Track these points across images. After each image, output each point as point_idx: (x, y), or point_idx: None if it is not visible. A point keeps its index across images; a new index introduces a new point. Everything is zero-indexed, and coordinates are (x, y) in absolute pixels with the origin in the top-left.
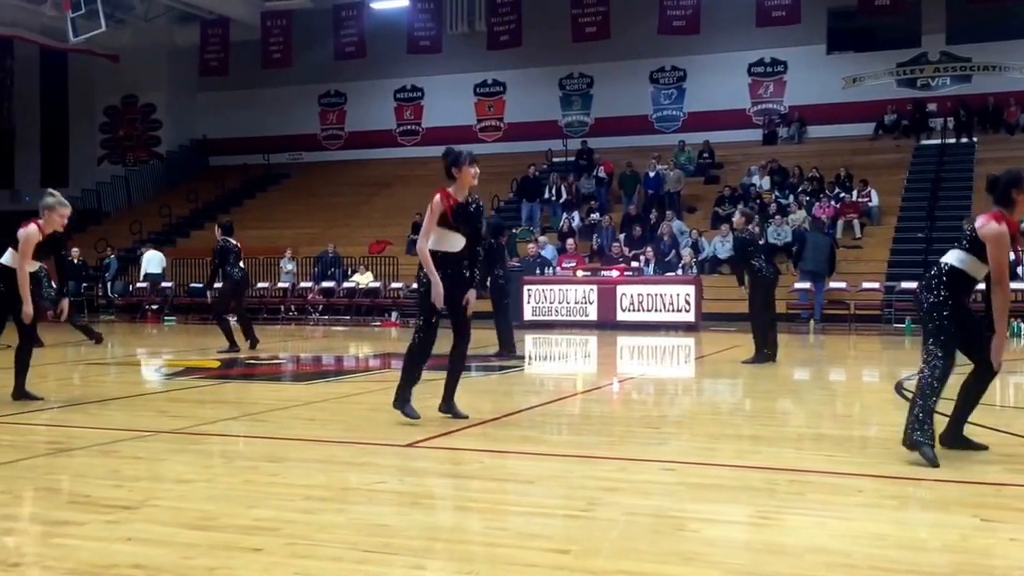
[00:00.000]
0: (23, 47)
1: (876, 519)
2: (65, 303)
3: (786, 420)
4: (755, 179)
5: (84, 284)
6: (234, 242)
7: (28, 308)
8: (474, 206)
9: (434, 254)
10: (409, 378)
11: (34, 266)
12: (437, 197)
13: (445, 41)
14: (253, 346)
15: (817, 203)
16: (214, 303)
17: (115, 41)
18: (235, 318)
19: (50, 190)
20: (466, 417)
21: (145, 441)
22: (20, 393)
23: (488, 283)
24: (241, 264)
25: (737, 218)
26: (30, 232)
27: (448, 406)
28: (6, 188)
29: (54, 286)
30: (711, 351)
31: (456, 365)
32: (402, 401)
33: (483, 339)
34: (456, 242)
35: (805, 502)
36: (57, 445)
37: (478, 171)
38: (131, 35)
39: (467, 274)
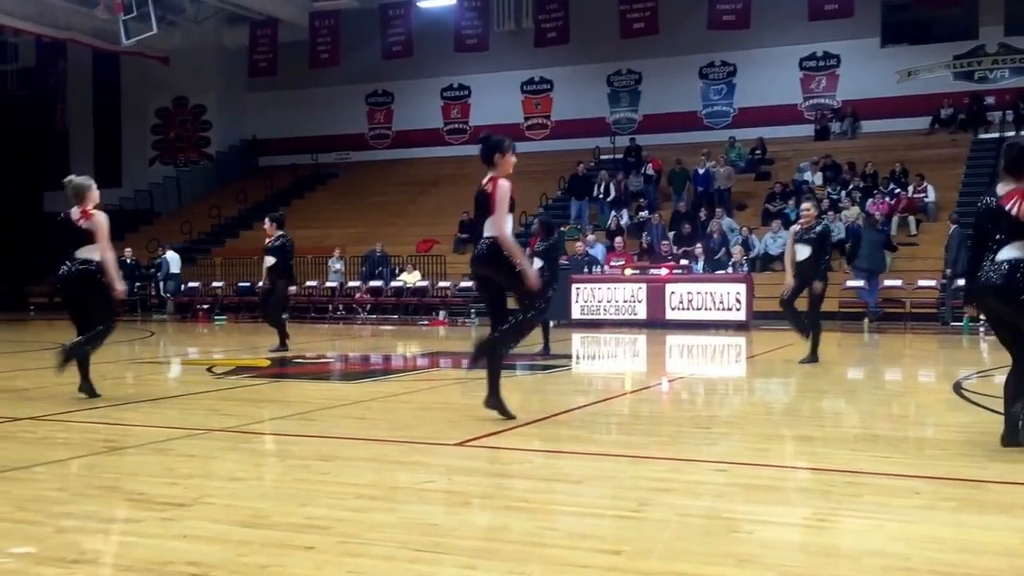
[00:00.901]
0: (76, 50)
1: (934, 522)
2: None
3: (840, 420)
4: (807, 175)
5: (137, 284)
6: (288, 236)
7: (120, 286)
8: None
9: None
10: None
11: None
12: (503, 182)
13: (492, 39)
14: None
15: (871, 199)
16: (274, 302)
17: (166, 43)
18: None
19: (70, 177)
20: (514, 417)
21: (198, 439)
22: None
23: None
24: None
25: (811, 209)
26: (103, 218)
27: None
28: (61, 189)
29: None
30: (762, 350)
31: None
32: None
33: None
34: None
35: (861, 504)
36: (112, 443)
37: (516, 160)
38: (181, 37)
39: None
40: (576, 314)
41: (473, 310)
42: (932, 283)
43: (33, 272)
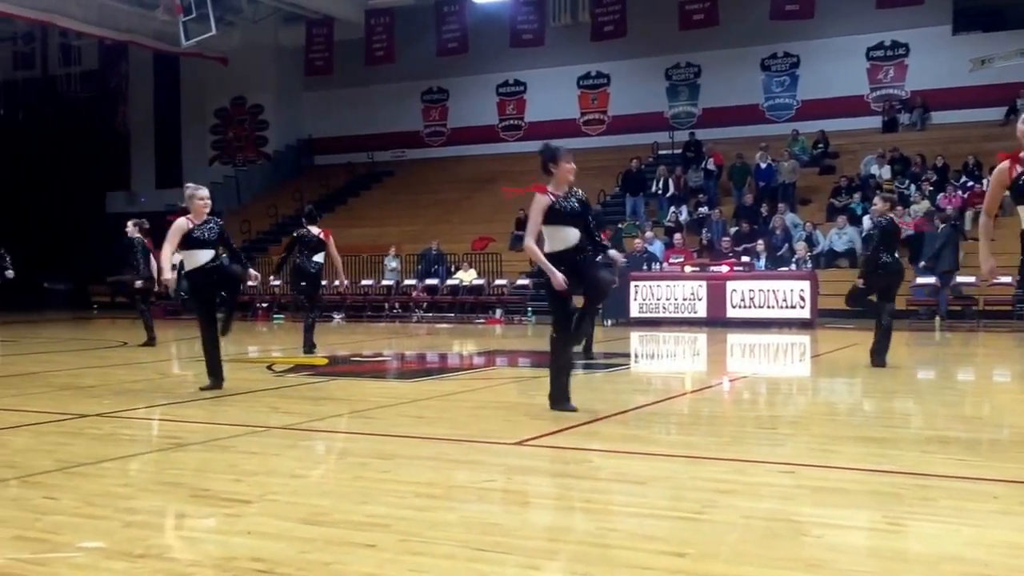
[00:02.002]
0: (137, 52)
1: (1013, 527)
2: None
3: (910, 421)
4: (874, 169)
5: None
6: (313, 232)
7: (165, 275)
8: (576, 199)
9: (551, 256)
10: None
11: (205, 256)
12: (537, 196)
13: (548, 33)
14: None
15: (942, 193)
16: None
17: (224, 44)
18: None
19: (187, 183)
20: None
21: (259, 436)
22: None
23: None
24: (315, 257)
25: (880, 204)
26: (177, 222)
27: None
28: (122, 189)
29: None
30: (828, 349)
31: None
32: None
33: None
34: (570, 236)
35: (935, 508)
36: (176, 440)
37: (575, 167)
38: (239, 37)
39: (589, 258)
40: (634, 312)
41: (530, 308)
42: (1007, 279)
43: (96, 271)
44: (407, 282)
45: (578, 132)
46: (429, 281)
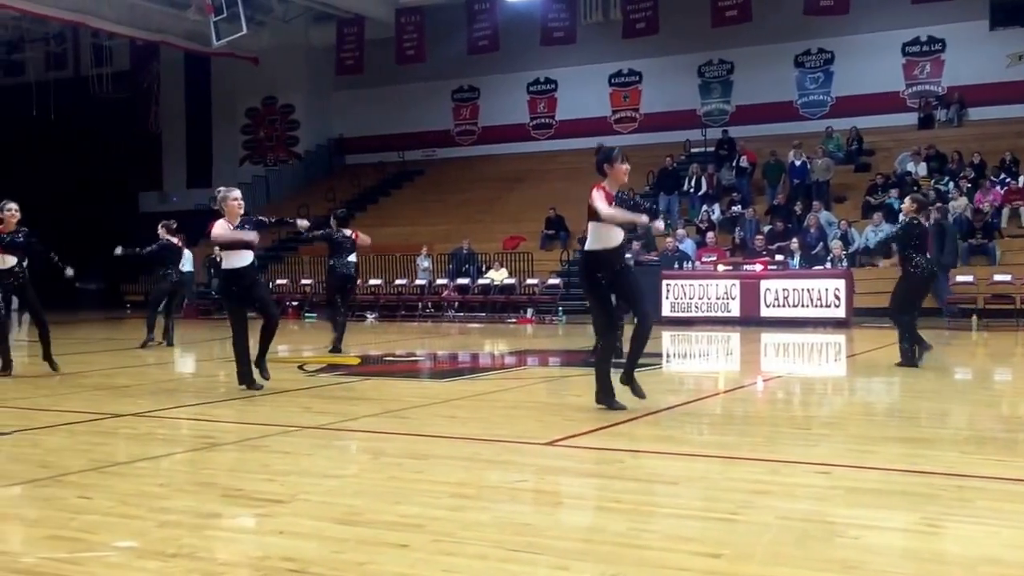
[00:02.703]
0: (168, 52)
1: None
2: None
3: (946, 421)
4: (910, 166)
5: None
6: (346, 233)
7: (250, 236)
8: (632, 201)
9: (595, 254)
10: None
11: (247, 258)
12: (597, 190)
13: (579, 31)
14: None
15: (979, 190)
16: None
17: (255, 43)
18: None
19: (217, 187)
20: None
21: (291, 436)
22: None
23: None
24: (349, 258)
25: (907, 204)
26: (219, 224)
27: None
28: (154, 189)
29: None
30: (863, 349)
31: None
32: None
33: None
34: (616, 236)
35: (974, 509)
36: (209, 439)
37: (629, 167)
38: (270, 37)
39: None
40: (666, 311)
41: (560, 308)
42: None
43: (129, 271)
44: (439, 281)
45: (609, 130)
46: (460, 281)
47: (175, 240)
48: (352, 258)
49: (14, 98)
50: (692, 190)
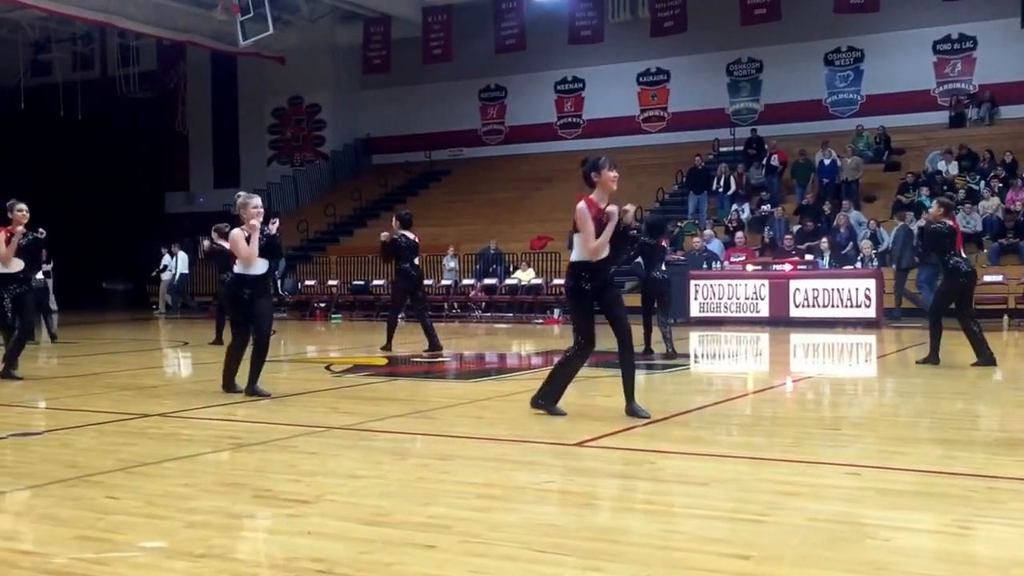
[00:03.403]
0: (195, 52)
1: None
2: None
3: (978, 423)
4: (941, 165)
5: None
6: (409, 236)
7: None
8: (627, 230)
9: (581, 265)
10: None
11: (263, 265)
12: (582, 204)
13: (607, 29)
14: (432, 349)
15: (1011, 189)
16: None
17: (281, 43)
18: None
19: (237, 192)
20: (648, 416)
21: (318, 437)
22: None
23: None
24: (415, 260)
25: (934, 208)
26: (233, 235)
27: (630, 406)
28: (181, 190)
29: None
30: (894, 349)
31: (626, 366)
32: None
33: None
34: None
35: (1006, 511)
36: (236, 440)
37: (617, 175)
38: (296, 36)
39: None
40: (695, 312)
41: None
42: None
43: (156, 272)
44: (465, 281)
45: (637, 129)
46: (487, 281)
47: (226, 244)
48: (418, 260)
49: (41, 98)
50: (721, 189)
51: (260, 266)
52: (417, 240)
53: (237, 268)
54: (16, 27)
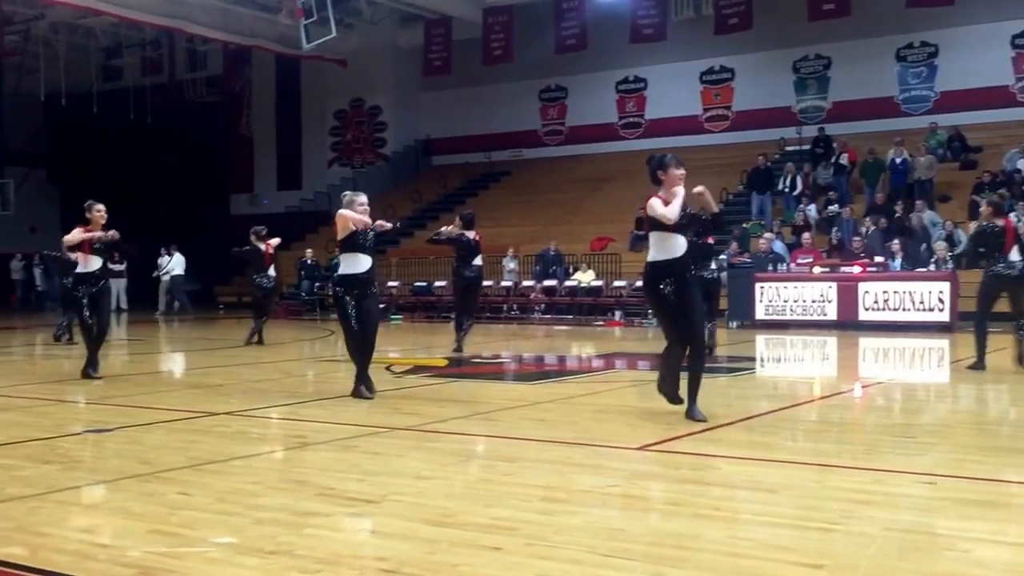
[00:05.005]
0: (259, 56)
1: None
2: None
3: None
4: (1020, 163)
5: (316, 284)
6: (468, 236)
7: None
8: (687, 209)
9: (658, 264)
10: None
11: (365, 263)
12: (652, 200)
13: (669, 28)
14: (458, 348)
15: None
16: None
17: (343, 46)
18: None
19: (344, 192)
20: (704, 420)
21: (382, 437)
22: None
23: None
24: (475, 261)
25: (984, 208)
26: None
27: (690, 410)
28: (246, 192)
29: None
30: (970, 354)
31: (693, 370)
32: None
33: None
34: (679, 245)
35: None
36: (301, 439)
37: (684, 172)
38: (358, 39)
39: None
40: (760, 314)
41: (650, 310)
42: None
43: (222, 273)
44: (525, 283)
45: (700, 129)
46: (547, 282)
47: (263, 246)
48: (478, 261)
49: (113, 102)
50: (786, 190)
51: (364, 262)
52: (478, 240)
53: (343, 268)
54: (89, 33)
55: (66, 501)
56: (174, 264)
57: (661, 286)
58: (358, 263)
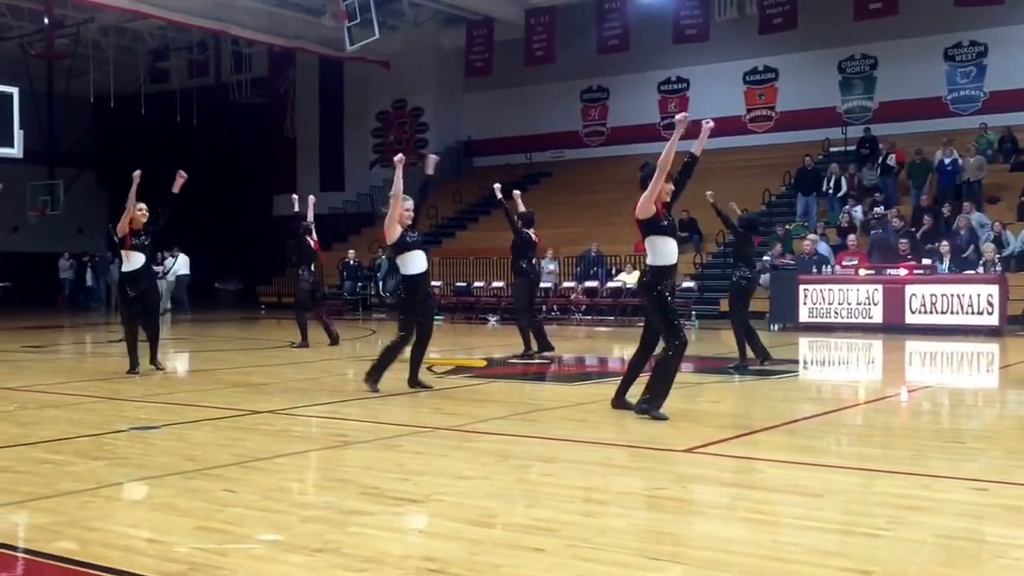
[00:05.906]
0: (303, 58)
1: None
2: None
3: None
4: None
5: (359, 284)
6: (529, 233)
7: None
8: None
9: (657, 269)
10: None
11: (421, 263)
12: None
13: (713, 28)
14: (540, 350)
15: None
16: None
17: (386, 47)
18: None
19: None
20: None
21: (424, 437)
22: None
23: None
24: (531, 260)
25: None
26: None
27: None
28: (288, 193)
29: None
30: (1019, 359)
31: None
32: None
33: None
34: (672, 251)
35: None
36: (344, 437)
37: (673, 188)
38: (400, 40)
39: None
40: (803, 317)
41: (693, 312)
42: None
43: (264, 273)
44: (565, 284)
45: (743, 129)
46: (588, 283)
47: (309, 241)
48: (534, 261)
49: (160, 104)
50: (831, 191)
51: (420, 262)
52: (536, 239)
53: (403, 270)
54: (137, 36)
55: (115, 497)
56: (179, 265)
57: (660, 287)
58: (416, 263)
